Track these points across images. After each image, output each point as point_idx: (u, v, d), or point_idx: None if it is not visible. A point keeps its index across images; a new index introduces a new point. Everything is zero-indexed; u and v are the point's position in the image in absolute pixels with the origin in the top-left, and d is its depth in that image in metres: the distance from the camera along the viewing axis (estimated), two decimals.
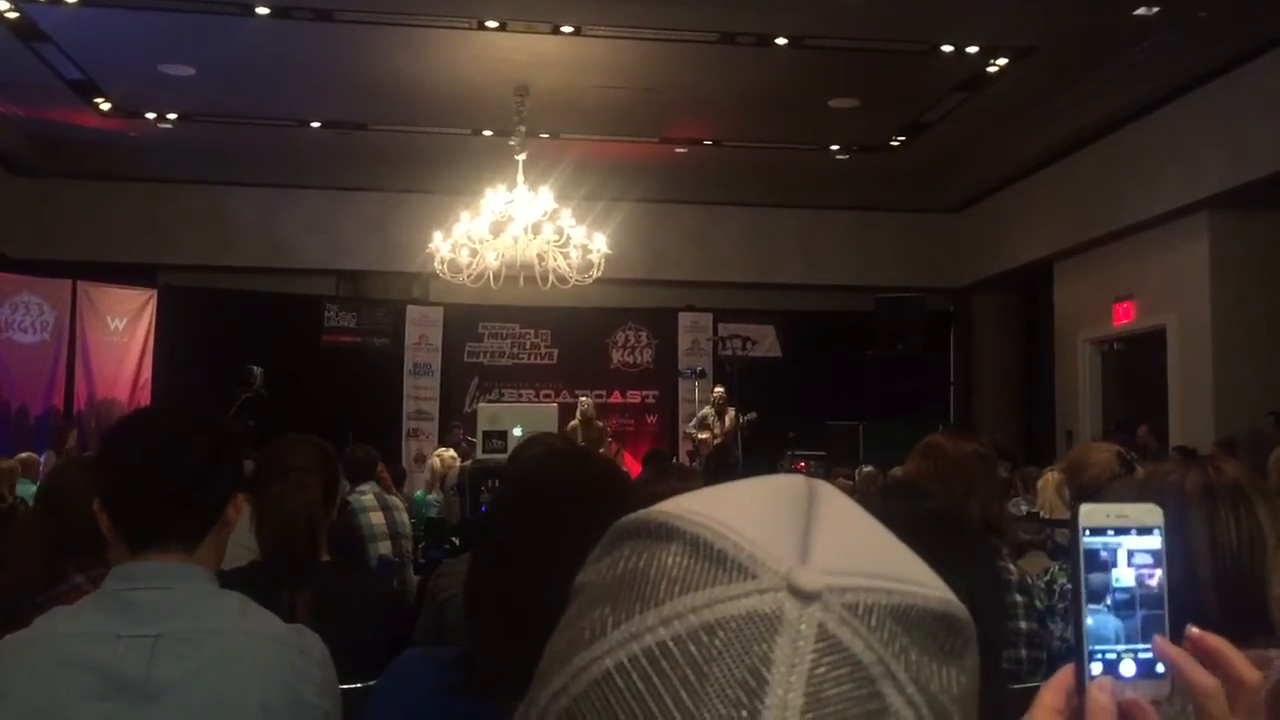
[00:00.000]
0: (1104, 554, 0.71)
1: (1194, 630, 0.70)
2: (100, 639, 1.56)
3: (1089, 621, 0.70)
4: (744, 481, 0.54)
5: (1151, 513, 0.72)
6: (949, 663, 0.49)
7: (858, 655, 0.46)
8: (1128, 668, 0.69)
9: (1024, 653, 2.57)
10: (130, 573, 1.62)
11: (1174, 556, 0.71)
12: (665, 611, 0.47)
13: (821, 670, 0.45)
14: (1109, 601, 0.70)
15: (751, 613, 0.46)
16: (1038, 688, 0.70)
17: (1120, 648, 0.69)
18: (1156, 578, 0.70)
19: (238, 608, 1.70)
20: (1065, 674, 0.71)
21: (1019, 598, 2.63)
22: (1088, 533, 0.71)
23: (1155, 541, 0.71)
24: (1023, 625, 2.60)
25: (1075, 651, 0.70)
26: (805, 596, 0.46)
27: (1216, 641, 0.70)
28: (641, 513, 0.52)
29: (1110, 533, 0.71)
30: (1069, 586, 2.76)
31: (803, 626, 0.46)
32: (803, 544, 0.49)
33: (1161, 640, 0.69)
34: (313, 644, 1.74)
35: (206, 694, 1.57)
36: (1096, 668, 0.69)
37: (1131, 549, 0.71)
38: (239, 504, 1.75)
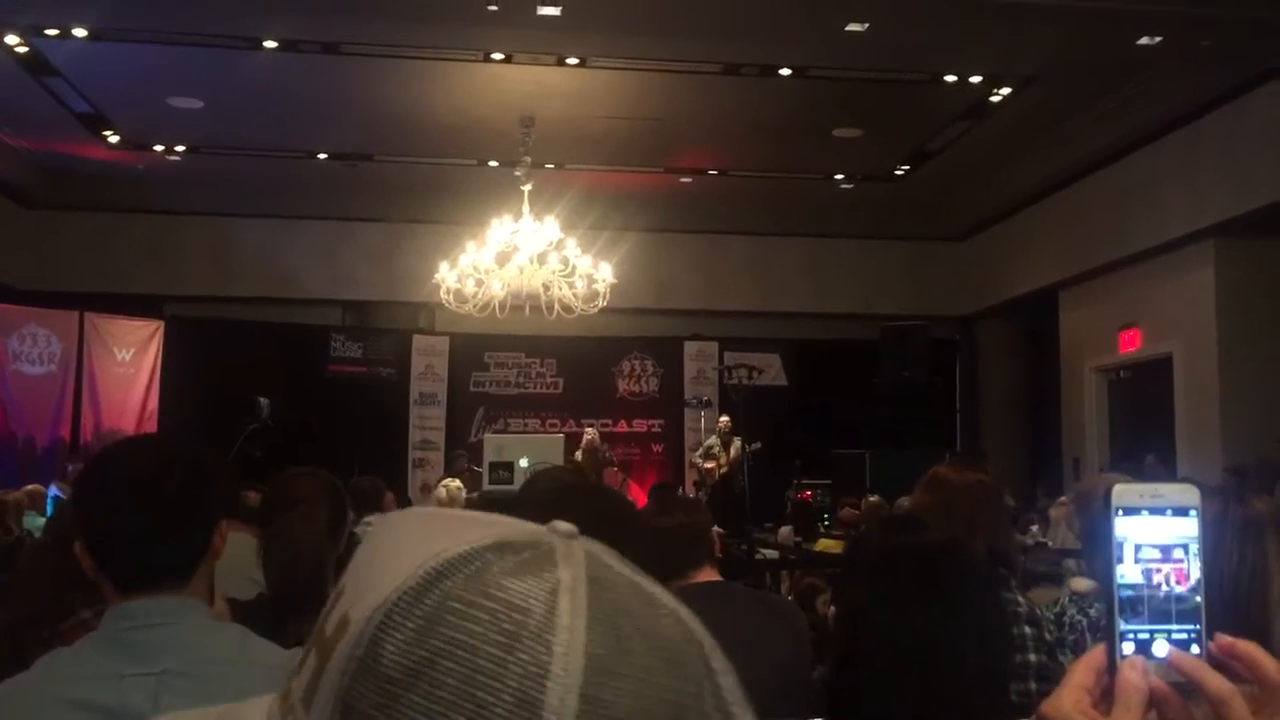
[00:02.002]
0: (1135, 534, 0.70)
1: (1223, 636, 0.69)
2: (104, 679, 1.55)
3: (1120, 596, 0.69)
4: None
5: (1187, 492, 0.71)
6: None
7: (615, 567, 0.53)
8: (1160, 648, 0.68)
9: (1033, 685, 2.55)
10: (127, 612, 1.60)
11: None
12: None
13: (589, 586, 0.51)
14: (1143, 583, 0.69)
15: (525, 559, 0.52)
16: None
17: (1152, 628, 0.68)
18: (1191, 561, 0.69)
19: (239, 639, 1.70)
20: (1096, 652, 0.69)
21: (1028, 630, 2.62)
22: (1120, 512, 0.70)
23: (1192, 525, 0.70)
24: (1032, 658, 2.58)
25: (1107, 630, 0.69)
26: (564, 534, 0.54)
27: (1247, 646, 0.69)
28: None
29: (1144, 512, 0.70)
30: (1080, 619, 2.73)
31: (573, 550, 0.53)
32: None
33: (1175, 651, 0.68)
34: None
35: None
36: (1128, 647, 0.68)
37: (1164, 529, 0.70)
38: (224, 531, 1.73)
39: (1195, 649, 0.68)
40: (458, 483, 9.85)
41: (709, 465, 11.85)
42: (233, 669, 1.62)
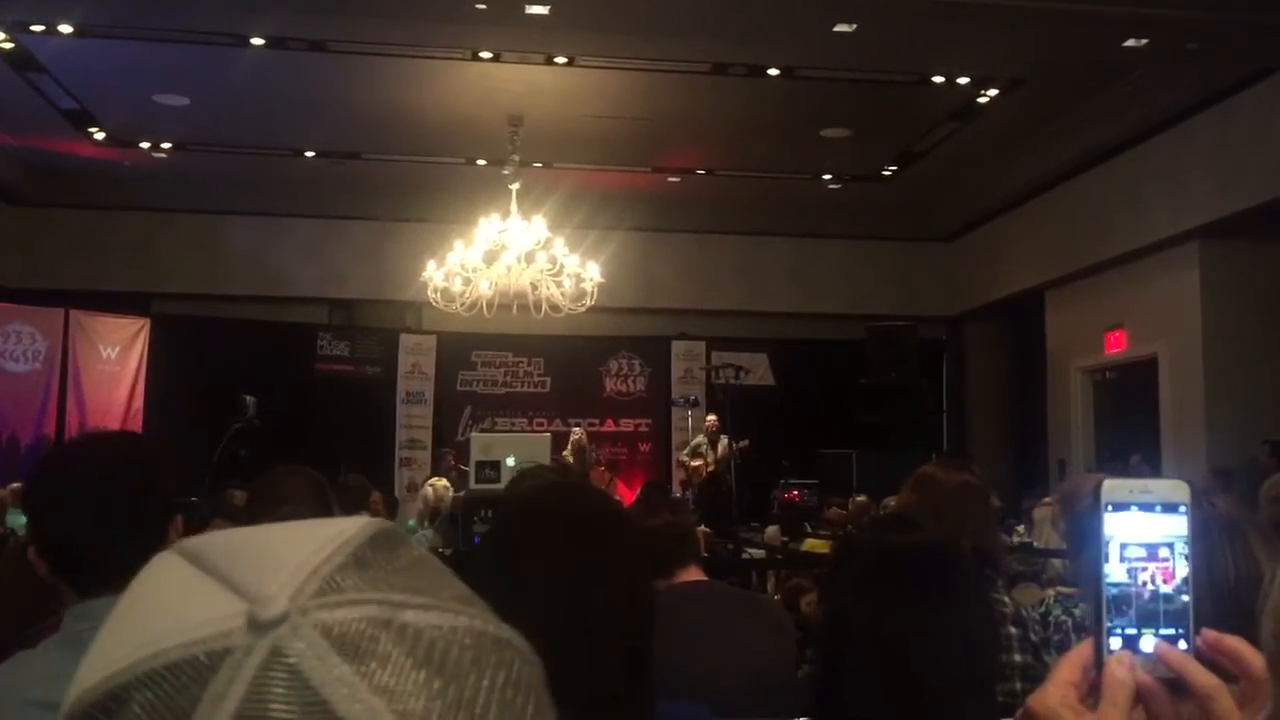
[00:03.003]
0: (1125, 532, 0.69)
1: (1209, 632, 0.69)
2: (68, 679, 1.54)
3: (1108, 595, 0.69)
4: (279, 524, 0.53)
5: (1177, 489, 0.70)
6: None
7: (311, 681, 0.43)
8: (1147, 643, 0.68)
9: (1019, 685, 2.56)
10: (88, 612, 1.58)
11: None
12: (135, 651, 0.47)
13: (253, 707, 0.43)
14: (1130, 579, 0.69)
15: (199, 651, 0.45)
16: None
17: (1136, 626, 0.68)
18: (1177, 560, 0.69)
19: None
20: (1084, 648, 0.69)
21: (1013, 630, 2.62)
22: (1110, 508, 0.70)
23: (1181, 522, 0.70)
24: (1017, 658, 2.59)
25: (1094, 626, 0.69)
26: (262, 625, 0.44)
27: (1233, 641, 0.69)
28: (176, 543, 0.53)
29: (1133, 508, 0.70)
30: (1065, 619, 2.74)
31: (248, 659, 0.44)
32: (299, 579, 0.46)
33: (1162, 645, 0.68)
34: None
35: None
36: (1115, 643, 0.68)
37: (1153, 526, 0.69)
38: (179, 525, 1.72)
39: (1183, 644, 0.68)
40: (444, 481, 9.88)
41: (696, 464, 11.86)
42: None
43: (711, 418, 12.06)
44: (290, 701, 0.43)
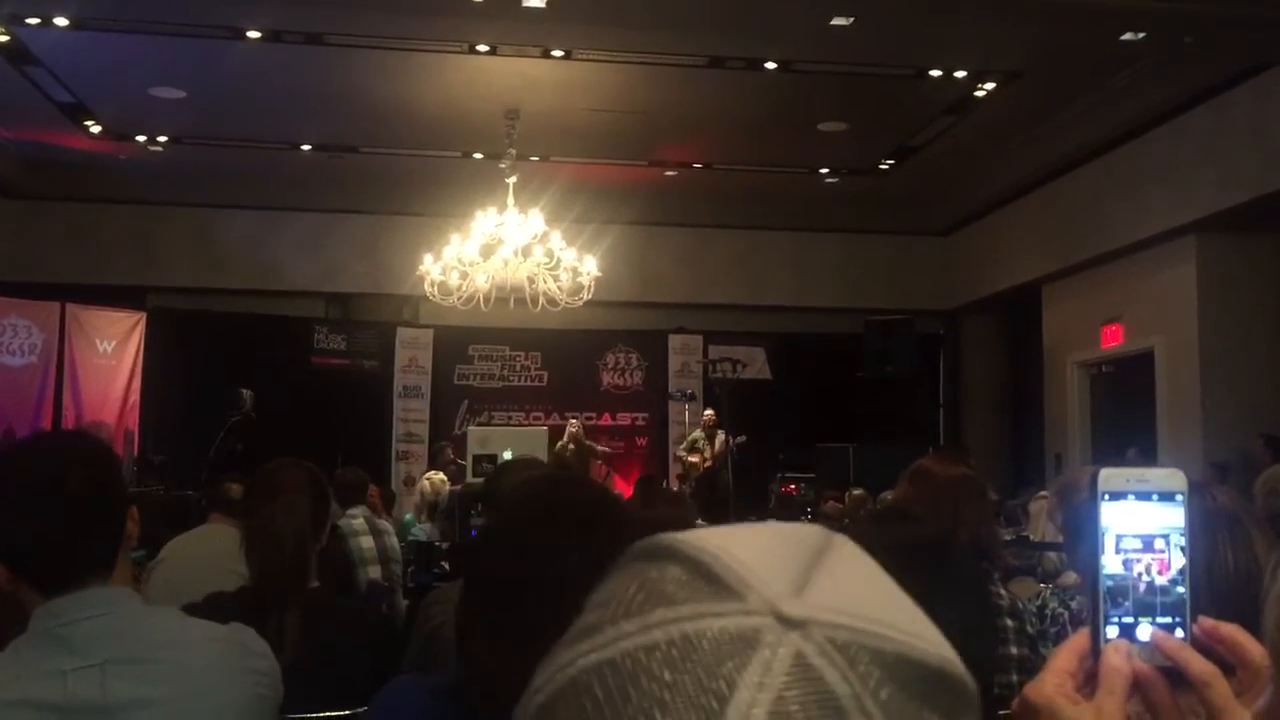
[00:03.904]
0: (1121, 522, 0.69)
1: (1206, 619, 0.69)
2: (46, 676, 1.54)
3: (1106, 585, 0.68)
4: (763, 524, 0.55)
5: (1174, 477, 0.70)
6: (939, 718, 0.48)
7: (833, 688, 0.46)
8: (1144, 632, 0.68)
9: (1015, 678, 2.56)
10: (57, 609, 1.58)
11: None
12: (648, 619, 0.48)
13: (792, 694, 0.45)
14: (1127, 568, 0.69)
15: (731, 631, 0.46)
16: None
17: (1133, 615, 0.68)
18: (1173, 550, 0.69)
19: (175, 618, 1.72)
20: (1080, 637, 0.69)
21: (1010, 622, 2.63)
22: (1106, 497, 0.70)
23: (1177, 512, 0.70)
24: (1014, 650, 2.60)
25: (1091, 615, 0.69)
26: (788, 623, 0.46)
27: (1230, 628, 0.69)
28: (652, 537, 0.53)
29: (1130, 497, 0.70)
30: (1062, 611, 2.74)
31: (780, 650, 0.46)
32: (801, 581, 0.49)
33: (1158, 633, 0.68)
34: (251, 638, 1.76)
35: (170, 707, 1.57)
36: (1112, 631, 0.68)
37: (1149, 516, 0.69)
38: (135, 515, 1.72)
39: (1180, 633, 0.68)
40: (441, 475, 9.85)
41: (693, 459, 11.87)
42: (177, 649, 1.62)
43: (709, 412, 12.07)
44: (811, 699, 0.45)
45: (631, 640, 0.47)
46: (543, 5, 8.12)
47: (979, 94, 10.41)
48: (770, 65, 9.73)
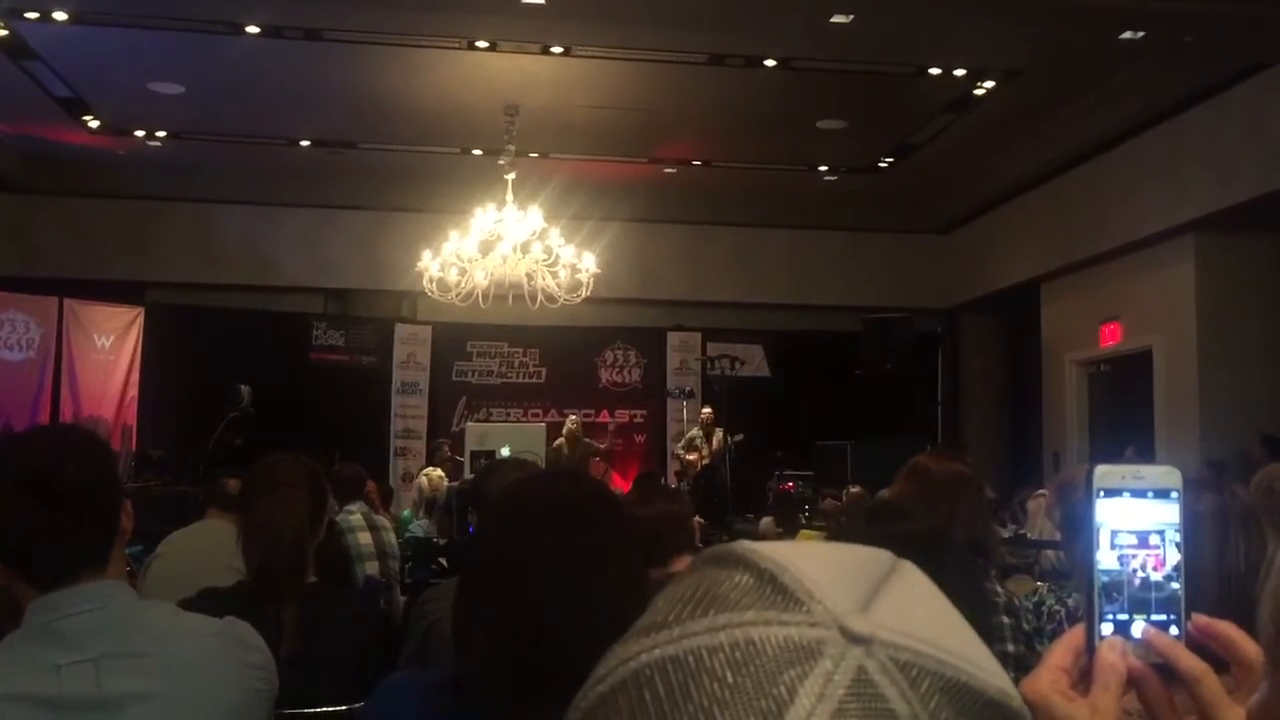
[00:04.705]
0: (1116, 517, 0.69)
1: (1200, 616, 0.69)
2: (40, 671, 1.54)
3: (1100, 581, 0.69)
4: (833, 543, 0.56)
5: (1169, 475, 0.70)
6: None
7: (892, 706, 0.46)
8: (1138, 628, 0.68)
9: (1011, 675, 2.55)
10: (52, 604, 1.58)
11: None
12: (714, 621, 0.48)
13: (851, 707, 0.45)
14: (1122, 565, 0.69)
15: (795, 640, 0.47)
16: None
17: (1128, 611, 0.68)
18: (1168, 547, 0.69)
19: (170, 612, 1.72)
20: (1075, 633, 0.70)
21: (1006, 620, 2.63)
22: (1102, 494, 0.70)
23: (1172, 509, 0.70)
24: (1010, 648, 2.59)
25: (1086, 612, 0.69)
26: (853, 638, 0.47)
27: (1224, 626, 0.69)
28: (724, 545, 0.54)
29: (1125, 494, 0.70)
30: (1058, 609, 2.74)
31: (843, 663, 0.46)
32: (867, 599, 0.49)
33: (1151, 630, 0.68)
34: (246, 631, 1.76)
35: (165, 701, 1.57)
36: (1107, 628, 0.68)
37: (1145, 513, 0.69)
38: (129, 510, 1.72)
39: (1174, 630, 0.68)
40: (439, 472, 9.87)
41: (691, 456, 11.87)
42: (172, 643, 1.62)
43: (707, 410, 12.07)
44: (870, 715, 0.45)
45: (696, 640, 0.48)
46: (542, 1, 8.11)
47: (978, 92, 10.40)
48: (770, 63, 9.72)
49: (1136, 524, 0.69)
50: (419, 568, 6.83)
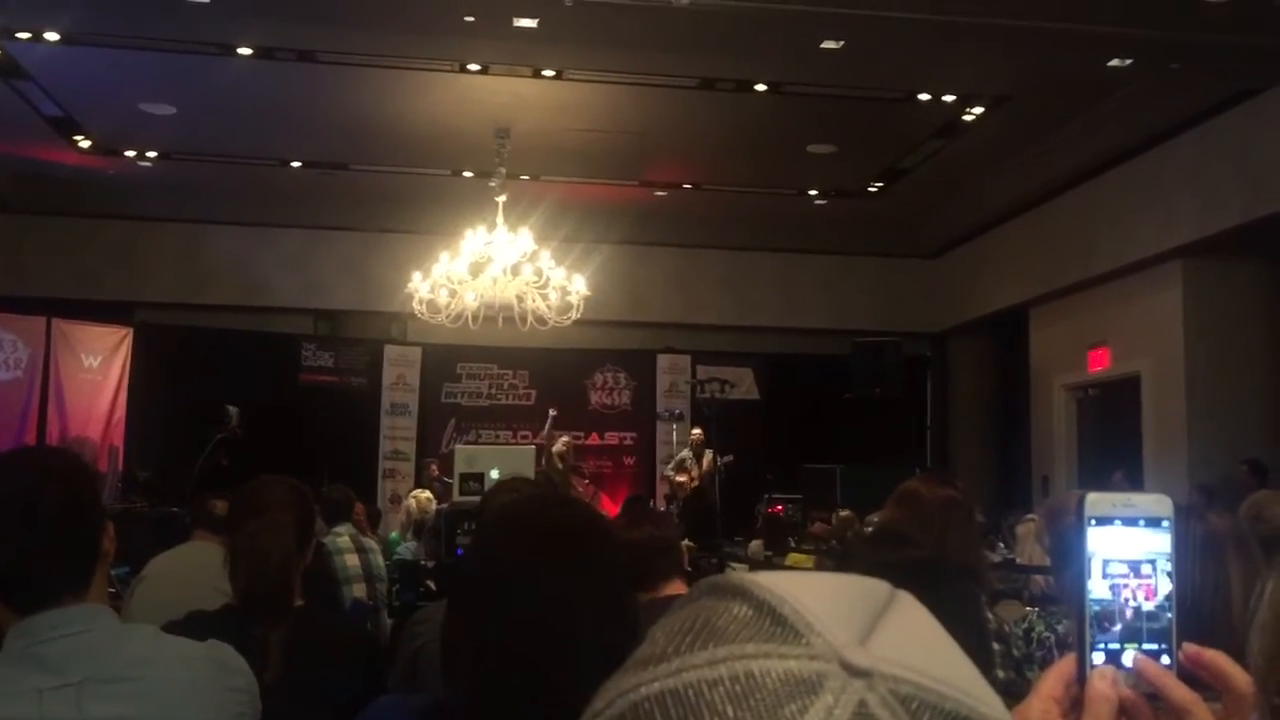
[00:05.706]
0: (1109, 545, 0.69)
1: (1190, 646, 0.69)
2: (21, 696, 1.52)
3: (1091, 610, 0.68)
4: (830, 574, 0.55)
5: (1160, 503, 0.70)
6: None
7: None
8: (1129, 658, 0.68)
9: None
10: (32, 628, 1.56)
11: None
12: (713, 654, 0.48)
13: None
14: (1114, 594, 0.68)
15: (795, 673, 0.46)
16: None
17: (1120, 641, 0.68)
18: (1159, 576, 0.69)
19: (151, 636, 1.70)
20: (1066, 662, 0.69)
21: (996, 646, 2.62)
22: (1093, 522, 0.70)
23: (1164, 538, 0.69)
24: (1000, 674, 2.59)
25: (1077, 641, 0.69)
26: (853, 671, 0.46)
27: (1214, 655, 0.69)
28: (722, 575, 0.54)
29: (1116, 522, 0.70)
30: (1048, 635, 2.73)
31: (844, 697, 0.46)
32: (866, 631, 0.49)
33: (1142, 659, 0.68)
34: (229, 654, 1.75)
35: None
36: (1098, 657, 0.68)
37: (1136, 541, 0.69)
38: (111, 533, 1.69)
39: (1165, 660, 0.68)
40: (427, 493, 9.83)
41: (681, 478, 11.85)
42: (154, 667, 1.61)
43: (696, 431, 12.06)
44: None
45: (696, 673, 0.47)
46: (534, 25, 8.14)
47: (967, 118, 10.47)
48: (760, 87, 9.77)
49: (1128, 553, 0.69)
50: (406, 590, 6.78)
